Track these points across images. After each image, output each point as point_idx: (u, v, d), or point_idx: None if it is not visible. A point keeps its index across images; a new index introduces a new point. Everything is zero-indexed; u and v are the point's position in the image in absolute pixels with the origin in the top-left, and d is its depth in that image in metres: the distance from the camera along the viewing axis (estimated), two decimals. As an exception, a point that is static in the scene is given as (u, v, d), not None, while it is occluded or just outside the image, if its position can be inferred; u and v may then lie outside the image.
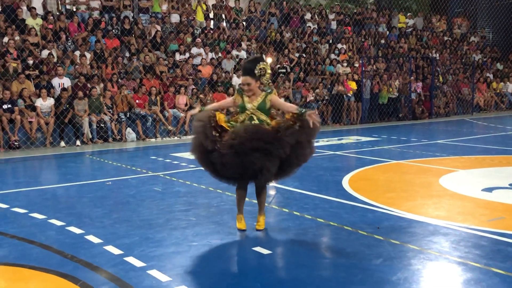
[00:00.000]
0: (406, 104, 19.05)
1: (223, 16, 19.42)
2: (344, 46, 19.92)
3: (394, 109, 18.70)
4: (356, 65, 18.85)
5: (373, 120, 18.06)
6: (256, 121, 5.17)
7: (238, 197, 5.48)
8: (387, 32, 22.20)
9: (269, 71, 5.24)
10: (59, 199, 7.33)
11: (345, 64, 18.52)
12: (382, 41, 21.55)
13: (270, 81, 5.40)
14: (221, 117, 5.19)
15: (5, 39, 13.73)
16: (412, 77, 19.18)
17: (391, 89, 18.32)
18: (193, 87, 15.22)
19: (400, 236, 5.15)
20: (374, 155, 10.52)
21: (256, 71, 5.18)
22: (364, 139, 13.37)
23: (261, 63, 5.20)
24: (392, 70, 19.14)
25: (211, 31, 18.09)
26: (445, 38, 23.85)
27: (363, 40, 21.10)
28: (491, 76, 22.94)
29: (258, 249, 4.81)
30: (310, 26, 20.43)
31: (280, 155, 4.94)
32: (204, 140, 5.01)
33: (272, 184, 7.92)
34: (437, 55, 21.68)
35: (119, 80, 14.41)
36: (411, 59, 19.68)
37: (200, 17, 18.53)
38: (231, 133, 5.01)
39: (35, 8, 14.95)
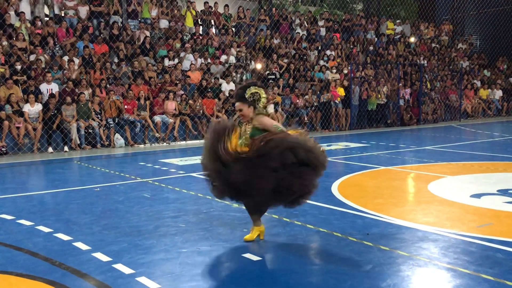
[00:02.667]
0: (394, 111, 19.15)
1: (212, 22, 19.43)
2: (333, 53, 20.01)
3: (383, 115, 18.80)
4: (345, 71, 18.93)
5: (362, 126, 18.13)
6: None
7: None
8: (376, 39, 22.34)
9: (264, 95, 5.04)
10: (47, 205, 7.27)
11: (334, 71, 18.60)
12: (371, 48, 21.67)
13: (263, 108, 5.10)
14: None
15: (-7, 44, 13.65)
16: (400, 84, 19.28)
17: (379, 96, 18.41)
18: (182, 92, 15.20)
19: (389, 242, 5.15)
20: (363, 161, 10.54)
21: (247, 96, 4.98)
22: (353, 145, 13.41)
23: (252, 87, 4.99)
24: (380, 77, 19.24)
25: (200, 37, 18.08)
26: (433, 45, 24.04)
27: (351, 46, 21.21)
28: (478, 83, 23.14)
29: (247, 255, 4.80)
30: (299, 33, 20.51)
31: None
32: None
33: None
34: (425, 61, 21.84)
35: (108, 85, 14.35)
36: (399, 66, 19.80)
37: (189, 22, 18.53)
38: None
39: (23, 13, 14.87)
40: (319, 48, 20.31)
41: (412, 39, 23.31)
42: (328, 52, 19.98)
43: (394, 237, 5.35)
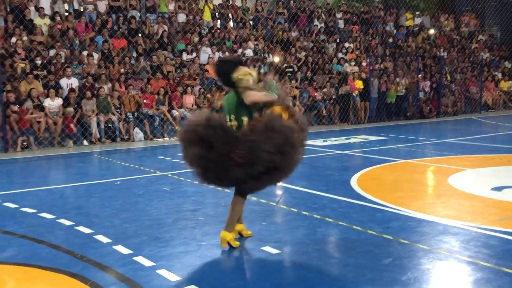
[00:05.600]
0: (414, 103, 18.98)
1: (230, 15, 19.42)
2: (352, 45, 19.87)
3: (402, 108, 18.64)
4: (364, 64, 18.79)
5: (381, 119, 18.00)
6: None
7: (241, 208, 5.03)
8: (395, 31, 22.13)
9: (246, 78, 4.70)
10: (68, 199, 7.35)
11: (352, 63, 18.48)
12: (390, 40, 21.48)
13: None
14: None
15: (13, 40, 13.79)
16: (420, 76, 19.10)
17: (399, 88, 18.26)
18: (200, 86, 15.23)
19: (409, 235, 5.13)
20: (382, 154, 10.48)
21: (233, 78, 4.73)
22: (372, 138, 13.34)
23: (240, 71, 4.72)
24: (399, 69, 19.07)
25: (218, 31, 18.09)
26: (453, 37, 23.75)
27: (370, 39, 21.04)
28: (499, 74, 22.81)
29: (267, 248, 4.81)
30: (317, 25, 20.40)
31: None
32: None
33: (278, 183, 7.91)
34: (445, 53, 21.60)
35: (127, 80, 14.43)
36: (418, 58, 19.61)
37: (207, 16, 18.53)
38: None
39: (43, 8, 15.00)
40: (338, 40, 20.18)
41: (432, 31, 23.05)
42: (346, 45, 19.85)
43: (414, 231, 5.32)
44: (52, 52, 14.16)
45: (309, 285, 3.97)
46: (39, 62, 13.69)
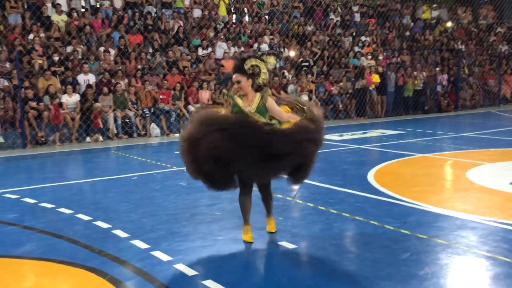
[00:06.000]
0: (431, 97, 18.81)
1: (245, 10, 19.38)
2: (368, 39, 19.74)
3: (420, 101, 18.48)
4: (380, 57, 18.66)
5: (398, 113, 17.87)
6: None
7: (244, 204, 4.95)
8: (412, 24, 21.93)
9: (264, 70, 4.71)
10: (86, 194, 7.42)
11: (369, 57, 18.36)
12: (407, 33, 21.30)
13: (266, 82, 4.82)
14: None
15: (31, 36, 13.92)
16: (437, 69, 18.93)
17: (416, 82, 18.10)
18: (215, 82, 15.24)
19: (427, 230, 5.09)
20: (399, 148, 10.41)
21: (246, 67, 4.67)
22: (389, 132, 13.25)
23: (252, 59, 4.68)
24: (417, 62, 18.90)
25: (233, 25, 18.08)
26: (471, 29, 23.48)
27: (387, 32, 20.89)
28: (518, 67, 22.50)
29: (283, 243, 4.81)
30: (333, 19, 20.29)
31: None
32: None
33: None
34: (463, 46, 21.35)
35: (143, 75, 14.49)
36: (436, 51, 19.42)
37: (222, 11, 18.53)
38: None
39: (60, 5, 15.11)
40: (354, 34, 20.05)
41: (449, 24, 22.80)
42: (363, 38, 19.72)
43: (432, 225, 5.29)
44: (69, 49, 14.26)
45: (325, 280, 3.97)
46: (56, 58, 13.81)
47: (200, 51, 16.35)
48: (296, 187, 7.18)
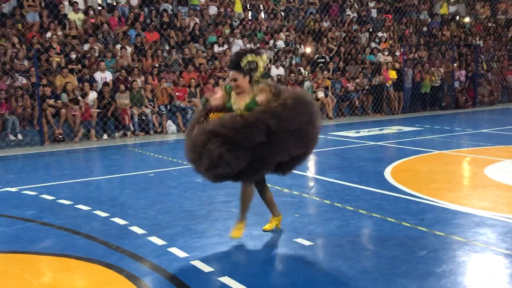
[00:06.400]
0: (449, 93, 18.65)
1: (261, 6, 19.36)
2: (385, 35, 19.60)
3: (437, 98, 18.33)
4: (397, 53, 18.53)
5: (415, 109, 17.74)
6: None
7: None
8: (429, 19, 21.74)
9: (261, 64, 4.60)
10: (103, 190, 7.48)
11: (386, 53, 18.24)
12: (424, 29, 21.11)
13: (261, 78, 4.71)
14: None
15: (48, 34, 14.04)
16: (455, 65, 18.74)
17: (433, 78, 17.95)
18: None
19: (444, 227, 5.05)
20: (416, 145, 10.34)
21: (242, 64, 4.55)
22: (406, 129, 13.16)
23: (248, 55, 4.56)
24: (434, 58, 18.74)
25: (249, 22, 18.07)
26: (489, 25, 23.19)
27: (404, 28, 20.72)
28: (537, 62, 22.21)
29: (299, 240, 4.80)
30: (349, 15, 20.18)
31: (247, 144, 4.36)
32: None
33: (311, 175, 7.89)
34: (481, 42, 21.11)
35: (159, 73, 14.56)
36: (454, 47, 19.23)
37: (238, 8, 18.52)
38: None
39: (77, 3, 15.22)
40: (370, 30, 19.93)
41: (467, 19, 22.56)
42: (379, 34, 19.59)
43: (450, 222, 5.25)
44: (86, 46, 14.37)
45: (342, 277, 3.96)
46: (73, 56, 13.92)
47: (216, 48, 16.37)
48: (311, 183, 7.16)
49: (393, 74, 17.10)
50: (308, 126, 4.59)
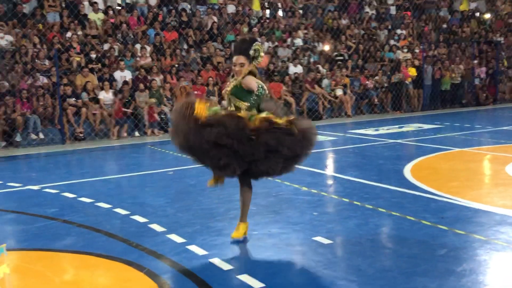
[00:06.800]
0: (469, 90, 18.44)
1: (279, 4, 19.33)
2: (404, 32, 19.44)
3: (457, 95, 18.14)
4: (417, 50, 18.37)
5: (435, 107, 17.58)
6: (233, 108, 4.70)
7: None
8: (449, 16, 21.52)
9: (262, 54, 4.74)
10: (123, 189, 7.54)
11: (405, 50, 18.09)
12: (444, 25, 20.91)
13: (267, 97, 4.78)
14: (201, 106, 4.57)
15: (69, 34, 14.19)
16: (475, 62, 18.53)
17: (453, 75, 17.77)
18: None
19: (465, 226, 5.01)
20: (436, 143, 10.25)
21: (251, 52, 4.66)
22: (426, 126, 13.06)
23: (256, 43, 4.72)
24: (454, 55, 18.55)
25: (267, 20, 18.05)
26: (510, 21, 22.87)
27: (423, 25, 20.54)
28: (559, 59, 21.85)
29: (318, 238, 4.80)
30: (368, 12, 20.06)
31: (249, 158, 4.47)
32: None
33: (330, 173, 7.88)
34: (502, 38, 20.84)
35: (178, 72, 14.62)
36: (474, 44, 19.02)
37: (256, 6, 18.52)
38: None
39: (96, 3, 15.35)
40: (389, 27, 19.79)
41: (487, 16, 22.28)
42: (398, 31, 19.44)
43: (470, 221, 5.20)
44: (106, 46, 14.49)
45: (361, 276, 3.94)
46: (93, 56, 14.05)
47: (234, 47, 16.37)
48: (330, 181, 7.14)
49: (412, 72, 16.97)
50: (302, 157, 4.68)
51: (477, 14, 22.28)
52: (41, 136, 12.26)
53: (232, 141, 4.38)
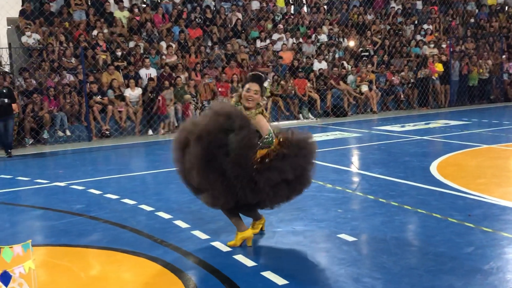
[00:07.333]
0: (497, 86, 18.13)
1: (304, 0, 19.25)
2: (431, 27, 19.20)
3: (485, 91, 17.85)
4: (444, 46, 18.13)
5: (462, 103, 17.34)
6: None
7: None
8: (476, 11, 21.17)
9: (268, 93, 4.83)
10: (148, 185, 7.60)
11: (431, 45, 17.86)
12: (471, 20, 20.57)
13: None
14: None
15: (95, 32, 14.35)
16: (504, 57, 18.20)
17: (481, 70, 17.48)
18: (273, 73, 15.23)
19: (492, 223, 4.93)
20: (463, 139, 10.10)
21: (265, 83, 4.73)
22: (453, 123, 12.88)
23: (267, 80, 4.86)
24: (482, 50, 18.24)
25: (292, 17, 17.99)
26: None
27: (450, 19, 20.25)
28: None
29: (342, 236, 4.77)
30: (394, 7, 19.85)
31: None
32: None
33: (356, 170, 7.82)
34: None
35: (202, 69, 14.67)
36: (502, 38, 18.68)
37: (280, 2, 18.47)
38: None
39: (122, 1, 15.48)
40: (416, 22, 19.55)
41: (517, 9, 21.86)
42: (425, 26, 19.20)
43: (498, 218, 5.11)
44: (131, 44, 14.61)
45: (386, 273, 3.91)
46: (119, 53, 14.18)
47: (258, 43, 16.37)
48: (356, 179, 7.09)
49: (439, 67, 16.75)
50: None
51: (506, 8, 21.88)
52: (68, 133, 12.44)
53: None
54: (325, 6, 19.21)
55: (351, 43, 17.32)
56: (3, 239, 5.05)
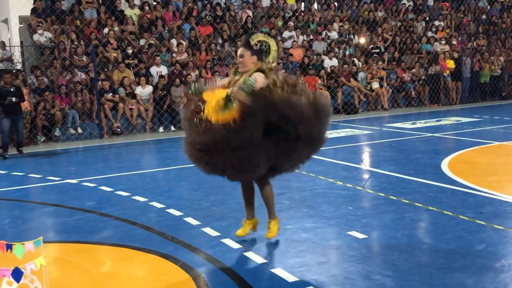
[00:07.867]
0: (509, 82, 17.99)
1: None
2: (442, 23, 19.08)
3: (497, 87, 17.72)
4: (455, 42, 18.01)
5: (474, 100, 17.23)
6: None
7: (243, 193, 4.80)
8: (488, 7, 21.01)
9: (274, 48, 4.36)
10: (159, 182, 7.63)
11: (443, 42, 17.76)
12: (483, 16, 20.42)
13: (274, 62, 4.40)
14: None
15: (106, 30, 14.40)
16: (516, 54, 18.07)
17: (493, 67, 17.36)
18: (283, 71, 15.21)
19: (504, 221, 4.90)
20: (475, 136, 10.04)
21: (252, 42, 4.31)
22: (464, 120, 12.80)
23: (260, 34, 4.37)
24: (494, 47, 18.11)
25: (302, 14, 17.96)
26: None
27: (462, 16, 20.11)
28: None
29: (353, 233, 4.76)
30: (405, 4, 19.74)
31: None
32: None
33: (366, 167, 7.80)
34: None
35: (213, 66, 14.68)
36: (515, 34, 18.53)
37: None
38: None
39: (133, -1, 15.55)
40: (427, 19, 19.44)
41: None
42: (436, 23, 19.09)
43: (509, 216, 5.08)
44: (142, 41, 14.66)
45: (396, 271, 3.90)
46: (130, 51, 14.23)
47: (269, 40, 16.32)
48: (366, 176, 7.08)
49: (451, 64, 16.65)
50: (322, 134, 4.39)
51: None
52: (80, 130, 12.51)
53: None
54: (336, 3, 19.14)
55: (362, 40, 17.27)
56: (16, 235, 5.10)
